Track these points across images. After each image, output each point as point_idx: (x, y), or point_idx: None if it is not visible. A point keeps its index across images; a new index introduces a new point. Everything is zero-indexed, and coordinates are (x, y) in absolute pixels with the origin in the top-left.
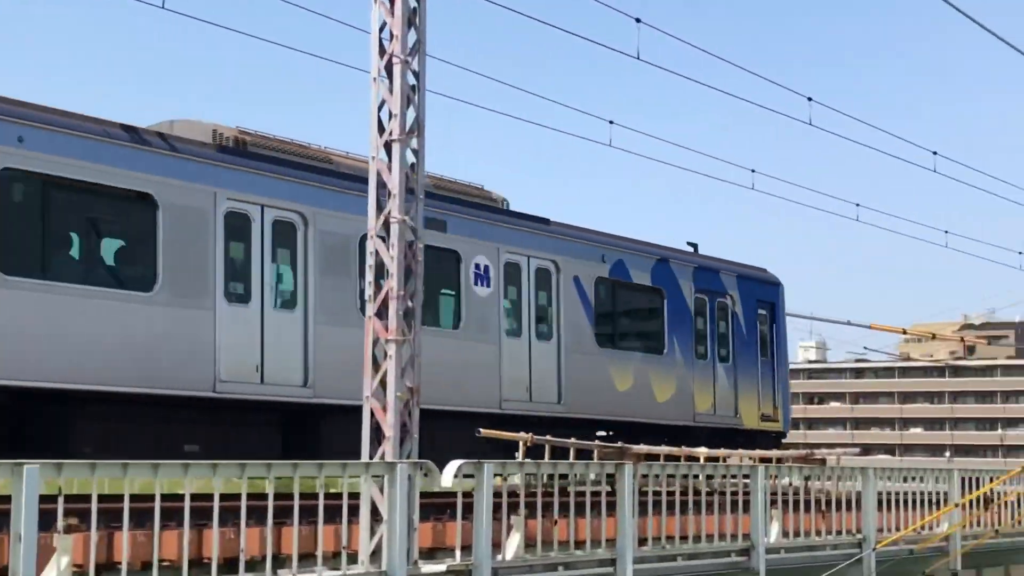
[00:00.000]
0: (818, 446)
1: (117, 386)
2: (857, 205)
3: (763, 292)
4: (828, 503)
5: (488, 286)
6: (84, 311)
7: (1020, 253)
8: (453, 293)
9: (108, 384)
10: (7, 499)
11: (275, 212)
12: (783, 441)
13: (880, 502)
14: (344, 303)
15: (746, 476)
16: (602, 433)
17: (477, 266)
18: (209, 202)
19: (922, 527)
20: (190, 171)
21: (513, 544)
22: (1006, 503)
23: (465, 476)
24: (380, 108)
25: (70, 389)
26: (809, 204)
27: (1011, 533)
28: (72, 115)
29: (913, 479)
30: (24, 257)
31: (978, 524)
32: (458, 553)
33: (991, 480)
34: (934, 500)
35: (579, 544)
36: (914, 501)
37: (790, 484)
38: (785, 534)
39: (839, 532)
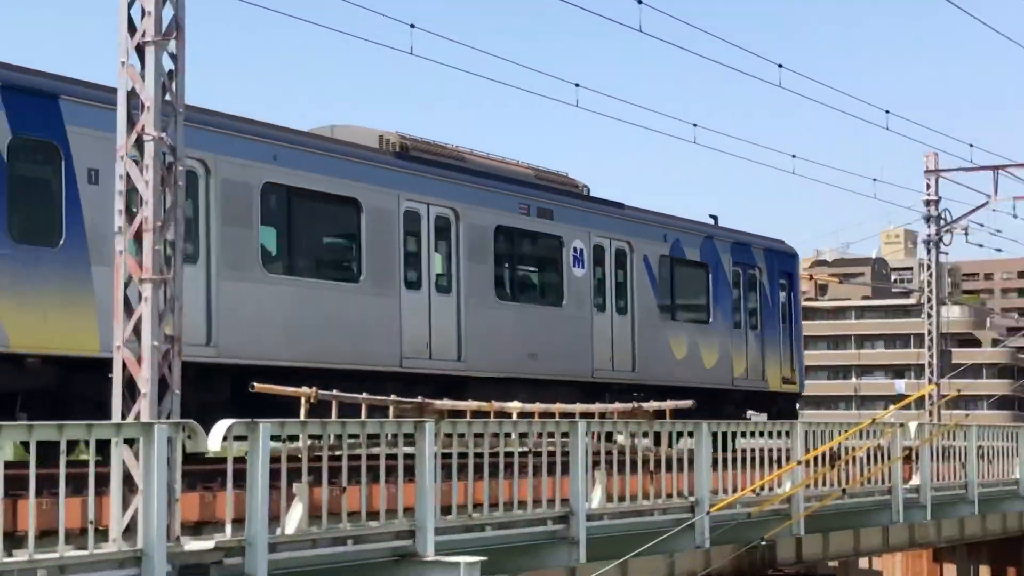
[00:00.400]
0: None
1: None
2: (695, 125)
3: (783, 263)
4: (657, 463)
5: (583, 267)
6: (318, 299)
7: (875, 180)
8: (559, 274)
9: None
10: None
11: (436, 209)
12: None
13: (715, 461)
14: (484, 285)
15: (565, 435)
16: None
17: (575, 249)
18: (394, 203)
19: (761, 488)
20: (381, 177)
21: (295, 516)
22: (855, 459)
23: (236, 438)
24: (131, 5)
25: (308, 367)
26: (641, 124)
27: (860, 493)
28: (293, 131)
29: (752, 434)
30: (279, 256)
31: (824, 483)
32: (228, 528)
33: (838, 434)
34: (775, 458)
35: (373, 515)
36: (752, 459)
37: (613, 442)
38: (609, 498)
39: (669, 495)
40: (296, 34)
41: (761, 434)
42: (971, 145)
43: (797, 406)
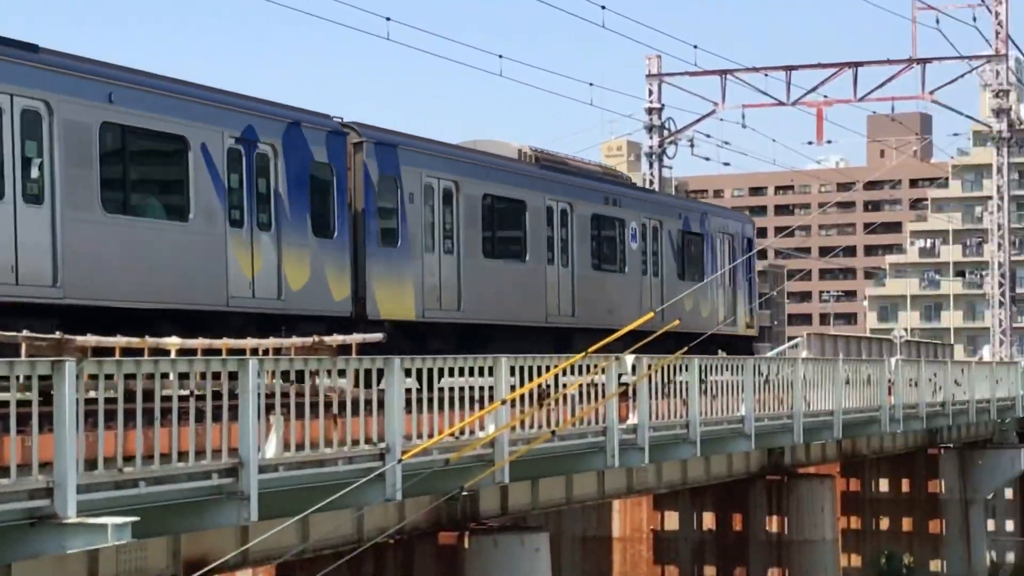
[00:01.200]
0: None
1: None
2: (387, 19)
3: (747, 230)
4: (343, 406)
5: (636, 241)
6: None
7: (591, 84)
8: (622, 246)
9: None
10: None
11: (561, 205)
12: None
13: (409, 401)
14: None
15: (234, 376)
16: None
17: (632, 228)
18: (543, 203)
19: (461, 431)
20: (536, 184)
21: None
22: (566, 397)
23: None
24: None
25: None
26: (331, 18)
27: (572, 434)
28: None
29: (462, 372)
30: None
31: (532, 425)
32: None
33: (547, 369)
34: (477, 397)
35: (2, 471)
36: (451, 399)
37: (292, 382)
38: (287, 447)
39: (356, 442)
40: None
41: (471, 371)
42: (695, 47)
43: (753, 346)
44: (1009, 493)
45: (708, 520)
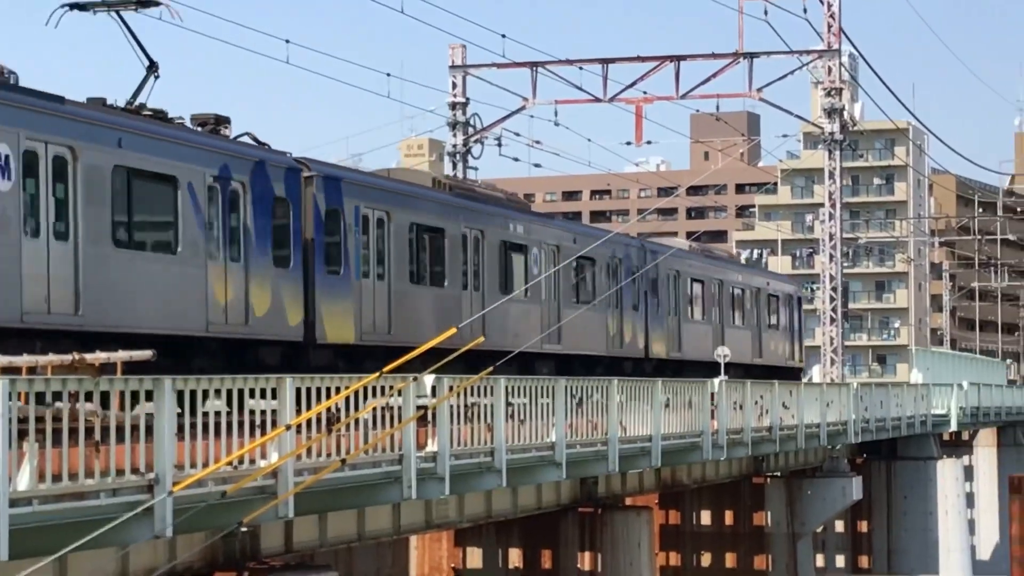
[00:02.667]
0: None
1: None
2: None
3: (797, 292)
4: (106, 431)
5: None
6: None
7: (389, 75)
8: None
9: None
10: None
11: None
12: None
13: (182, 427)
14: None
15: None
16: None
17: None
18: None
19: (240, 460)
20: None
21: None
22: (357, 422)
23: None
24: None
25: None
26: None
27: (364, 463)
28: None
29: (243, 394)
30: None
31: (320, 453)
32: None
33: (337, 391)
34: (258, 422)
35: None
36: (228, 424)
37: (50, 406)
38: (42, 478)
39: (121, 472)
40: None
41: (252, 394)
42: (504, 36)
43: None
44: (840, 525)
45: (515, 557)
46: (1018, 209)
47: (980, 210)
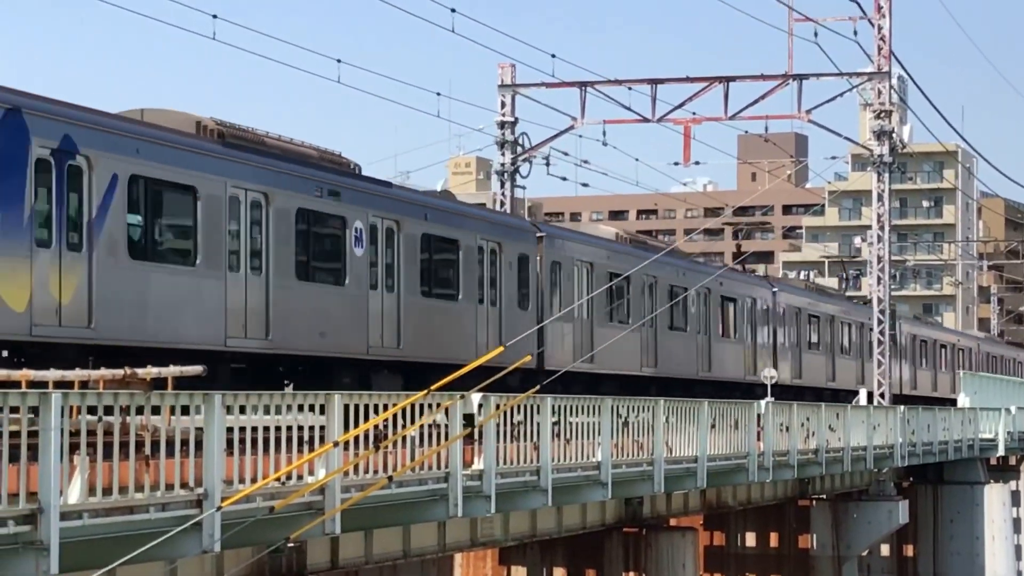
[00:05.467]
0: None
1: None
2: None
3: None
4: (156, 446)
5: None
6: None
7: (439, 95)
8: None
9: None
10: None
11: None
12: None
13: (231, 442)
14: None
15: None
16: None
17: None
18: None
19: (288, 476)
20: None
21: None
22: (404, 439)
23: None
24: None
25: None
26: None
27: (411, 480)
28: None
29: (290, 408)
30: None
31: (367, 470)
32: None
33: (384, 408)
34: (306, 438)
35: None
36: (276, 440)
37: (99, 419)
38: (92, 491)
39: (171, 487)
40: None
41: (300, 408)
42: (553, 56)
43: None
44: (885, 549)
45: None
46: None
47: None
